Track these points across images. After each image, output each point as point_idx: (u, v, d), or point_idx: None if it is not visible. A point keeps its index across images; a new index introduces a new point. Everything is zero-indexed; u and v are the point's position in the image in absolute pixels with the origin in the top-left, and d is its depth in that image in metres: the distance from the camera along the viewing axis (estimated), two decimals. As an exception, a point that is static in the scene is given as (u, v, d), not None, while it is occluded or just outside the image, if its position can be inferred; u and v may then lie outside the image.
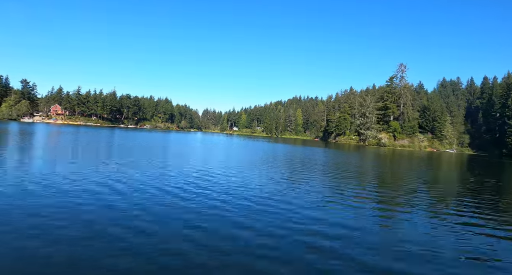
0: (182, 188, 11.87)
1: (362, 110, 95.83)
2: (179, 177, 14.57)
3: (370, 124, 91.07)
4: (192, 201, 9.94)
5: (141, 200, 9.67)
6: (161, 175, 14.74)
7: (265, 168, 20.59)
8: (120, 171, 14.99)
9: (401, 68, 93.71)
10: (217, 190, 11.95)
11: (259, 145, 55.23)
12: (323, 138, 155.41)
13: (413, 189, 15.76)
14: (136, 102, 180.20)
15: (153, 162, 19.61)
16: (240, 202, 10.29)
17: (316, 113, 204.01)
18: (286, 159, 30.81)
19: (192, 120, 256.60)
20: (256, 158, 28.92)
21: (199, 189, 11.92)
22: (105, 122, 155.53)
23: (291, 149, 46.37)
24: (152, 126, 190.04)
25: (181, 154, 28.51)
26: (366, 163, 32.39)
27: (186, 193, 11.06)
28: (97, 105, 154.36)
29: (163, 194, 10.65)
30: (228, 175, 16.05)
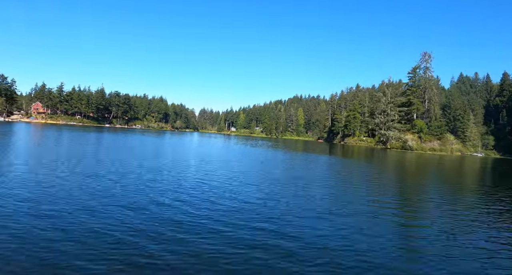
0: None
1: (382, 107, 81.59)
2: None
3: (392, 123, 77.01)
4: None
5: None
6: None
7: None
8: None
9: (424, 57, 79.03)
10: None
11: (257, 154, 41.95)
12: (327, 139, 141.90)
13: None
14: (127, 100, 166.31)
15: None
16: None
17: (318, 112, 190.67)
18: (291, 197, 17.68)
19: (188, 120, 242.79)
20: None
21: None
22: (91, 122, 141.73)
23: (295, 162, 33.32)
24: (144, 126, 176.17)
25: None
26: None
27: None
28: (81, 103, 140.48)
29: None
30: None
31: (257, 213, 8.86)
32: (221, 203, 9.63)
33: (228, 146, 41.38)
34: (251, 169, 19.49)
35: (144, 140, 42.47)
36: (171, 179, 13.36)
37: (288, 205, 10.09)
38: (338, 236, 7.28)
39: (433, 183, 19.62)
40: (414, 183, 18.72)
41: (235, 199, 10.33)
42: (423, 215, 10.39)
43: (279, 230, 7.43)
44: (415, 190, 15.60)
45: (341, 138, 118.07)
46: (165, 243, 6.16)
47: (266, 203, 10.14)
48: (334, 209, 9.92)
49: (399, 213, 10.41)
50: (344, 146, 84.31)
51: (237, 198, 10.58)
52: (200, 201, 9.71)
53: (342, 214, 9.46)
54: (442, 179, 22.36)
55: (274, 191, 12.23)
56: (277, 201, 10.45)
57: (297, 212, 9.24)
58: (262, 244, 6.39)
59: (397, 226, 8.73)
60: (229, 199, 10.35)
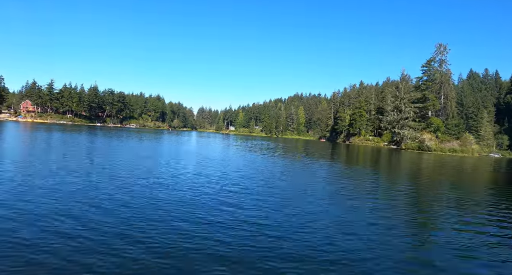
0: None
1: (395, 103, 73.87)
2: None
3: (406, 121, 69.70)
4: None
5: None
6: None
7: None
8: None
9: (440, 49, 71.86)
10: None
11: (258, 162, 35.32)
12: (330, 138, 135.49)
13: None
14: (121, 98, 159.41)
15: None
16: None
17: (319, 111, 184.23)
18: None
19: (186, 119, 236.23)
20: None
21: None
22: (83, 121, 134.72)
23: (298, 172, 26.81)
24: (140, 126, 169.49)
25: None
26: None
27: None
28: (72, 101, 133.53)
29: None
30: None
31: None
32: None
33: (222, 151, 34.96)
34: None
35: (117, 145, 35.90)
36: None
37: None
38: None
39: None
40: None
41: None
42: None
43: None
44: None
45: (345, 137, 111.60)
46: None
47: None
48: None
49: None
50: (350, 146, 77.73)
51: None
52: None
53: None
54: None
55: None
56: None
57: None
58: None
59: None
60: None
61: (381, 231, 7.34)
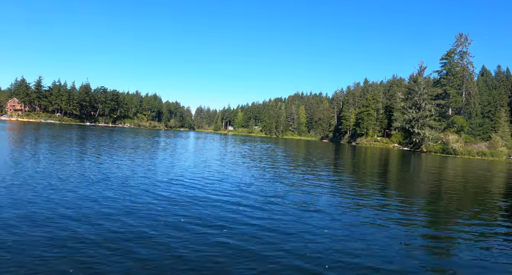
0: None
1: (414, 99, 63.84)
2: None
3: (427, 119, 60.65)
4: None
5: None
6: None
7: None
8: None
9: (460, 40, 64.32)
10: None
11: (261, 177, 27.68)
12: (333, 138, 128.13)
13: None
14: (114, 96, 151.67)
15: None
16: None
17: (321, 111, 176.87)
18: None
19: (183, 118, 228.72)
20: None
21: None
22: (72, 120, 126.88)
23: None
24: (134, 125, 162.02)
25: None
26: None
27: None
28: (61, 99, 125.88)
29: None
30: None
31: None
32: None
33: (218, 164, 27.65)
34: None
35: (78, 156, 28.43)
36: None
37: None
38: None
39: None
40: None
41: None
42: None
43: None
44: None
45: (350, 138, 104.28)
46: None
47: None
48: None
49: None
50: (358, 147, 70.31)
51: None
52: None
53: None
54: None
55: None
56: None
57: None
58: None
59: None
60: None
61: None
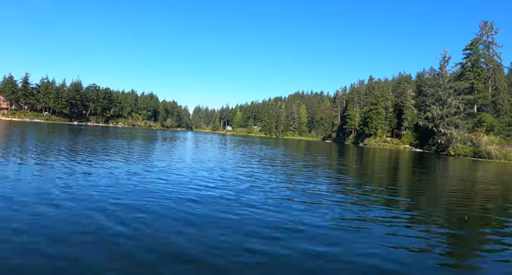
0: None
1: (438, 93, 54.65)
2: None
3: (455, 117, 50.88)
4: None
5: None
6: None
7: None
8: None
9: (485, 28, 54.87)
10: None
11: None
12: (336, 139, 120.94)
13: None
14: (107, 95, 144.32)
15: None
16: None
17: (322, 110, 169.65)
18: None
19: (181, 118, 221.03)
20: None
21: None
22: (61, 119, 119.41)
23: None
24: (129, 125, 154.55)
25: None
26: None
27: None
28: (48, 97, 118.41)
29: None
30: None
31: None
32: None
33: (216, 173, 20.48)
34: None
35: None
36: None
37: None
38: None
39: None
40: None
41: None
42: None
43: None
44: None
45: (356, 138, 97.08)
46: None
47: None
48: None
49: None
50: (365, 149, 63.05)
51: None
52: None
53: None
54: None
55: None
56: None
57: None
58: None
59: None
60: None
61: None
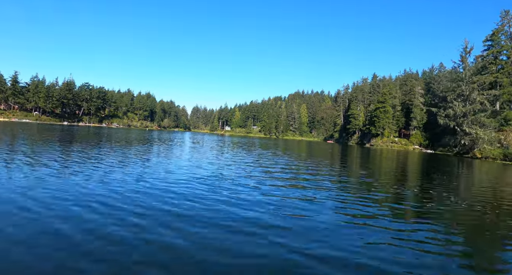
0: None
1: (461, 88, 48.42)
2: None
3: (482, 115, 44.65)
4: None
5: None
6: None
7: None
8: None
9: (506, 17, 49.57)
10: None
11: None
12: (339, 139, 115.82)
13: None
14: (101, 94, 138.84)
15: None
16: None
17: (323, 110, 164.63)
18: None
19: (178, 118, 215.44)
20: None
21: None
22: (51, 119, 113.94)
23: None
24: (124, 125, 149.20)
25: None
26: None
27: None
28: (38, 96, 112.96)
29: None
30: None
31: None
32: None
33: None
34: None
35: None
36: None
37: None
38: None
39: None
40: None
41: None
42: None
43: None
44: None
45: (360, 139, 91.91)
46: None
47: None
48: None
49: None
50: (372, 150, 57.90)
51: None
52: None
53: None
54: None
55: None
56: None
57: None
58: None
59: None
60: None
61: None
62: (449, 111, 48.91)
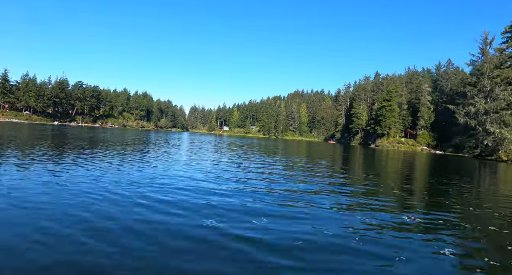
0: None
1: (482, 83, 44.10)
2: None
3: (510, 112, 42.68)
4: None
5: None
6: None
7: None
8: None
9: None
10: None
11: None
12: (341, 139, 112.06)
13: None
14: (95, 93, 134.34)
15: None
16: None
17: (324, 109, 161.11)
18: None
19: (176, 118, 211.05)
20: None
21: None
22: (42, 119, 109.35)
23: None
24: (119, 125, 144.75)
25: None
26: None
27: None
28: (29, 95, 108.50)
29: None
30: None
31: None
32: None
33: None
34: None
35: None
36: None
37: None
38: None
39: None
40: None
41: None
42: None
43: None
44: None
45: (364, 139, 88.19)
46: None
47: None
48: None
49: None
50: (377, 151, 54.12)
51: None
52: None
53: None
54: None
55: None
56: None
57: None
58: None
59: None
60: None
61: None
62: (470, 109, 44.73)
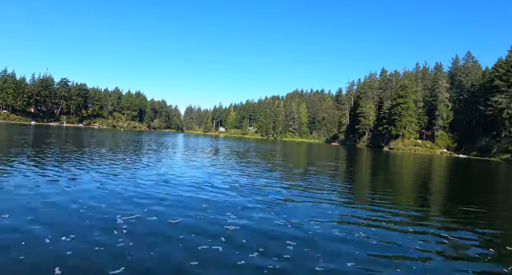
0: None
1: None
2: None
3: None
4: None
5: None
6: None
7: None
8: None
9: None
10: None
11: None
12: (345, 141, 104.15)
13: None
14: (82, 91, 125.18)
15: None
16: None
17: (324, 109, 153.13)
18: None
19: (170, 119, 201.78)
20: None
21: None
22: (22, 118, 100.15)
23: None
24: (108, 126, 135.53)
25: None
26: None
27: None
28: (6, 92, 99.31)
29: None
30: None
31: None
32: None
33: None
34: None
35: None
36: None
37: None
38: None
39: None
40: None
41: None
42: None
43: None
44: None
45: (371, 140, 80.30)
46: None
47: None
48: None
49: None
50: (394, 155, 46.38)
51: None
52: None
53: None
54: None
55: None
56: None
57: None
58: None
59: None
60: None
61: None
62: (502, 102, 36.32)
